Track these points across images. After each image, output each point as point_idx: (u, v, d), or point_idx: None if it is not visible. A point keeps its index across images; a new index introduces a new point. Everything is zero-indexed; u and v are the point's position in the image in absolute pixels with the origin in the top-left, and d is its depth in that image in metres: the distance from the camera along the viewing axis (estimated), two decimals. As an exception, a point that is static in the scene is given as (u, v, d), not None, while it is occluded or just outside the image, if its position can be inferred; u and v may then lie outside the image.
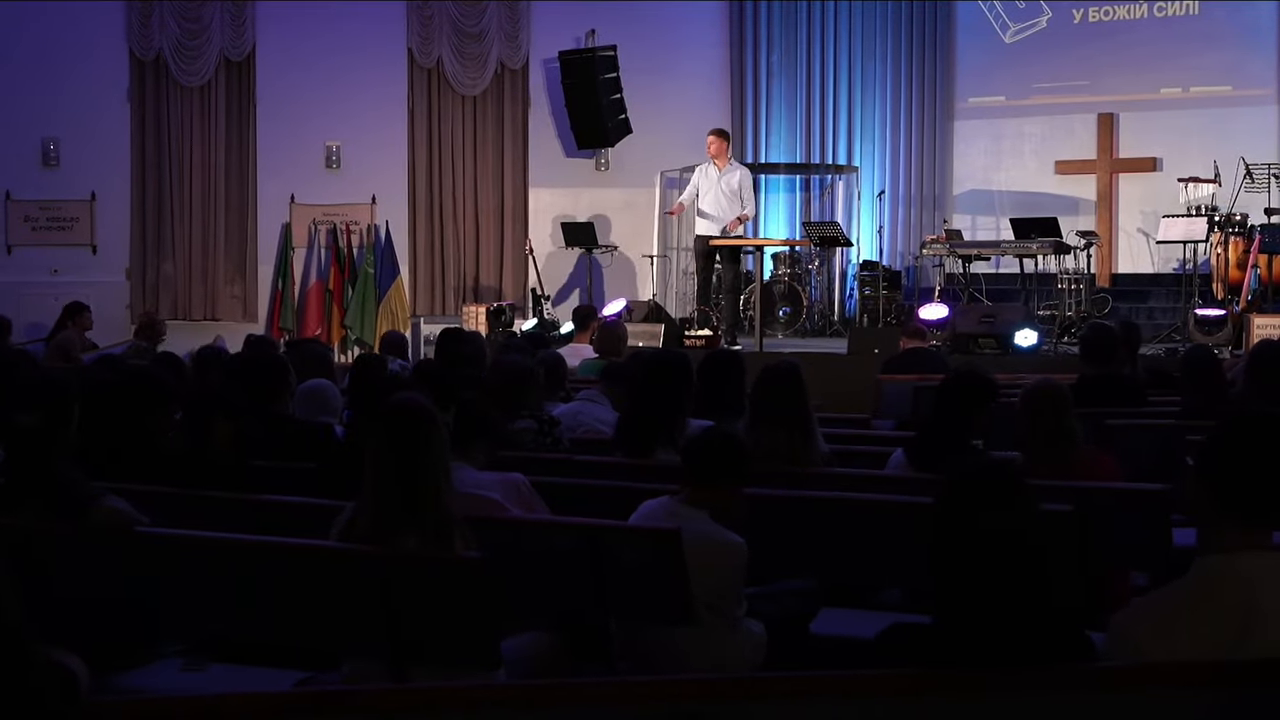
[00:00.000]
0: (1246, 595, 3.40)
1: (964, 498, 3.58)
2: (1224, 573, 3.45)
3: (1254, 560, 3.45)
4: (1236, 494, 3.47)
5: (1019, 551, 3.46)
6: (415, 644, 4.72)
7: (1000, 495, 3.55)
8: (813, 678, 3.38)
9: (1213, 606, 3.43)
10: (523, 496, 5.73)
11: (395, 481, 4.73)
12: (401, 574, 4.70)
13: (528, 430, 7.46)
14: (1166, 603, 3.51)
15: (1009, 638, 3.39)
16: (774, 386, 6.82)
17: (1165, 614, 3.48)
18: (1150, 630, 3.46)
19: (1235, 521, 3.48)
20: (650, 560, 5.24)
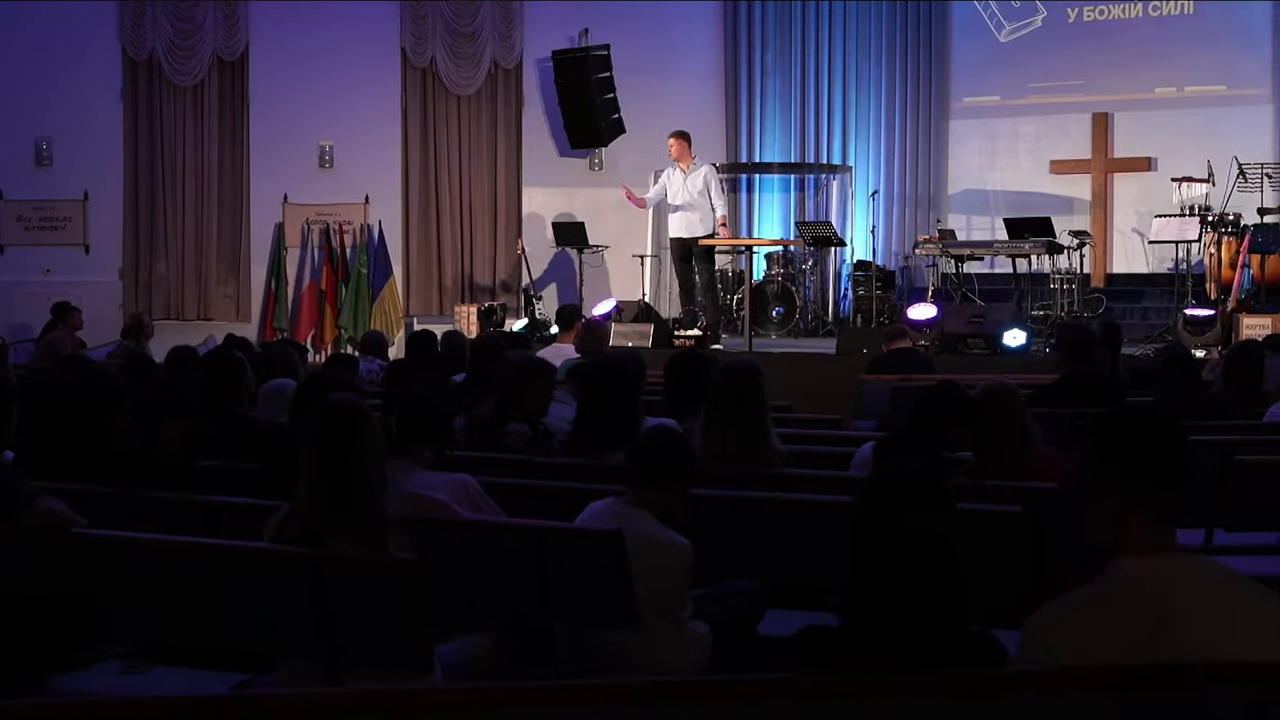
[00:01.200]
0: (1159, 598, 3.37)
1: (883, 499, 3.54)
2: (1136, 575, 3.41)
3: (1166, 562, 3.41)
4: (1148, 496, 3.44)
5: (935, 555, 3.42)
6: (348, 646, 4.68)
7: (919, 498, 3.51)
8: (714, 683, 3.33)
9: (1125, 609, 3.39)
10: (471, 498, 5.69)
11: (327, 482, 4.69)
12: (332, 575, 4.67)
13: (521, 435, 7.42)
14: (1079, 605, 3.47)
15: (919, 641, 3.36)
16: (729, 387, 6.78)
17: (1078, 617, 3.44)
18: (1063, 633, 3.42)
19: (1151, 523, 3.44)
20: (594, 562, 5.21)
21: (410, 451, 5.73)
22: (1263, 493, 7.07)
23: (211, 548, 4.98)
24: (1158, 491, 3.43)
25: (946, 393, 6.68)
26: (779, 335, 18.05)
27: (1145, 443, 3.49)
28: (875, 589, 3.43)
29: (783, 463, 6.76)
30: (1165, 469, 3.45)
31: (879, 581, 3.42)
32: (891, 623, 3.38)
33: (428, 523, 5.37)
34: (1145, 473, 3.44)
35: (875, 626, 3.39)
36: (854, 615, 3.47)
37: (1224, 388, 9.28)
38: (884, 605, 3.40)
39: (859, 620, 3.44)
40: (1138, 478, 3.45)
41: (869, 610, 3.43)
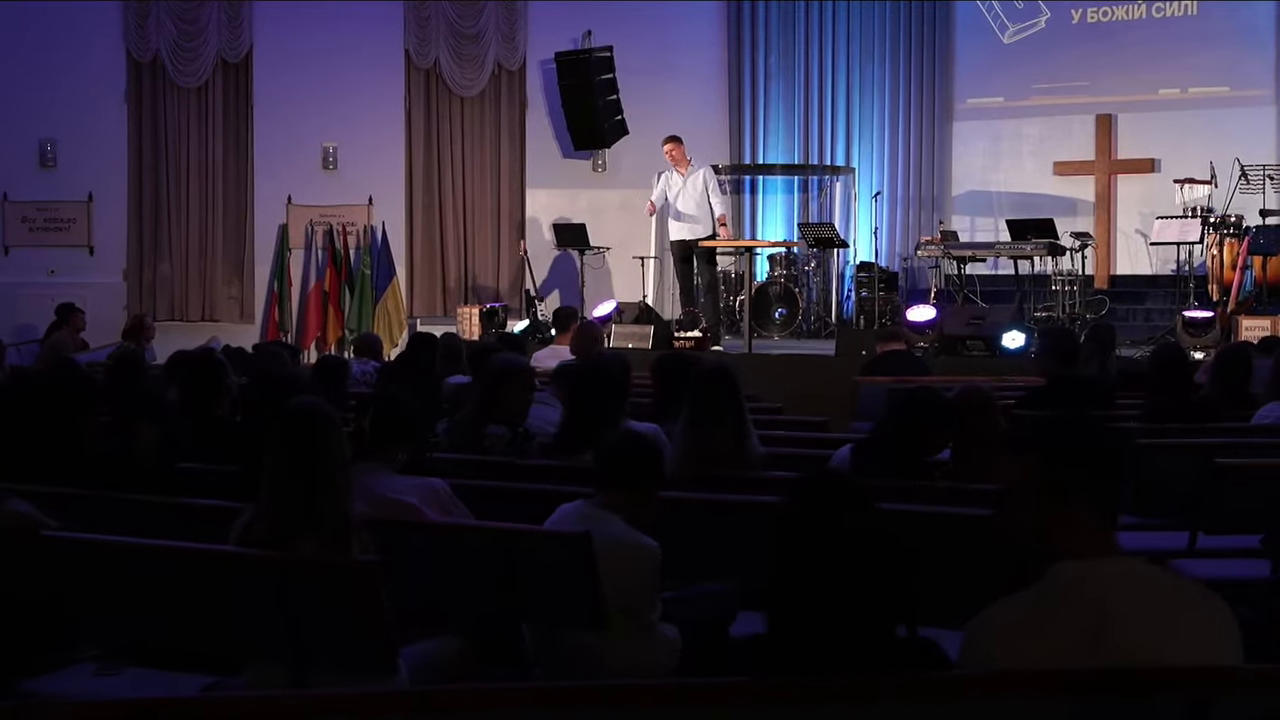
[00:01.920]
0: (1099, 601, 3.37)
1: (806, 505, 3.55)
2: (1076, 578, 3.42)
3: (1106, 566, 3.42)
4: (1086, 499, 3.45)
5: (858, 558, 3.42)
6: (312, 649, 4.69)
7: (842, 504, 3.52)
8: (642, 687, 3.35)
9: (1065, 612, 3.40)
10: (441, 501, 5.69)
11: (292, 485, 4.71)
12: (295, 578, 4.68)
13: (500, 437, 7.43)
14: (1019, 609, 3.48)
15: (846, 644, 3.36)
16: (707, 389, 6.78)
17: (1018, 621, 3.45)
18: (1003, 637, 3.43)
19: (1090, 526, 3.45)
20: (561, 564, 5.21)
21: (382, 454, 5.74)
22: (1242, 496, 7.05)
23: (177, 550, 4.98)
24: (1095, 495, 3.44)
25: (924, 396, 6.68)
26: (781, 336, 18.04)
27: (1081, 447, 3.50)
28: (798, 593, 3.42)
29: (761, 464, 6.76)
30: (1101, 473, 3.46)
31: (802, 585, 3.42)
32: (816, 627, 3.38)
33: (396, 525, 5.39)
34: (1081, 477, 3.46)
35: (800, 631, 3.39)
36: (779, 620, 3.47)
37: (1213, 390, 9.27)
38: (807, 609, 3.40)
39: (784, 625, 3.44)
40: (1075, 482, 3.46)
41: (793, 615, 3.43)
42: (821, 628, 3.38)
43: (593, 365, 7.65)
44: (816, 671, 3.34)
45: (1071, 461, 3.49)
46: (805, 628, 3.40)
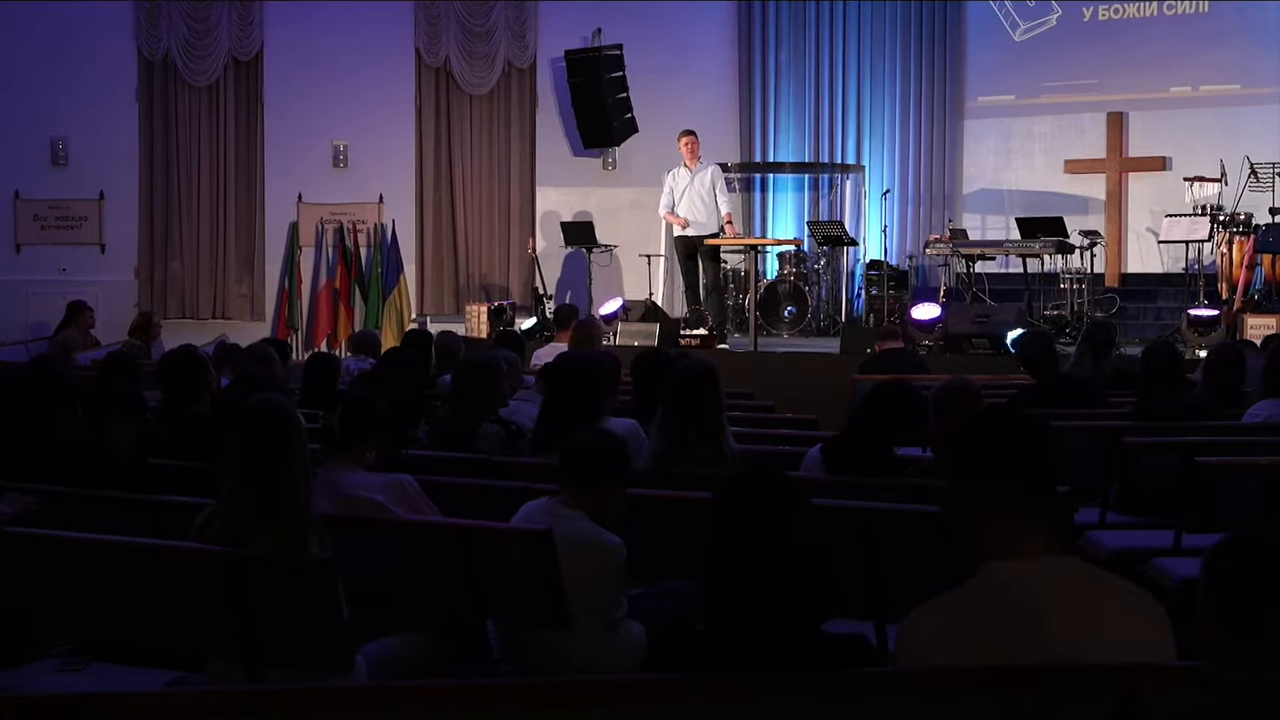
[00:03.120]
0: (1028, 599, 3.36)
1: (737, 502, 3.54)
2: (1005, 578, 3.41)
3: (1035, 564, 3.41)
4: (1023, 496, 3.43)
5: (790, 557, 3.41)
6: (268, 645, 4.70)
7: (772, 502, 3.51)
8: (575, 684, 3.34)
9: (995, 611, 3.39)
10: (409, 498, 5.70)
11: (249, 483, 4.72)
12: (251, 575, 4.69)
13: (493, 436, 7.43)
14: (952, 607, 3.47)
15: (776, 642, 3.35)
16: (684, 387, 6.77)
17: (950, 619, 3.44)
18: (935, 635, 3.42)
19: (1016, 525, 3.43)
20: (524, 562, 5.21)
21: (350, 451, 5.74)
22: (1225, 494, 7.04)
23: (134, 547, 5.00)
24: (1022, 494, 3.43)
25: (895, 392, 6.67)
26: (791, 335, 18.01)
27: (1005, 445, 3.48)
28: (730, 591, 3.42)
29: (737, 463, 6.74)
30: (1026, 471, 3.44)
31: (731, 583, 3.42)
32: (749, 624, 3.37)
33: (361, 522, 5.40)
34: (1008, 475, 3.44)
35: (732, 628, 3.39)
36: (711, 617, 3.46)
37: (1205, 388, 9.25)
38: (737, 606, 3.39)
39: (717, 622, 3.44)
40: (991, 483, 3.45)
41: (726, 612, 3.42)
42: (751, 625, 3.38)
43: (570, 360, 7.64)
44: (747, 668, 3.33)
45: (986, 462, 3.47)
46: (736, 625, 3.40)
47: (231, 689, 4.33)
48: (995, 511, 3.45)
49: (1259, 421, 8.45)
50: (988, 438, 3.53)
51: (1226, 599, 2.99)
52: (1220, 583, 3.00)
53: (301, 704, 3.35)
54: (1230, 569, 3.00)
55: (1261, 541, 3.00)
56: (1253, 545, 3.00)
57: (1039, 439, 3.49)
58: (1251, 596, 2.95)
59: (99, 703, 3.14)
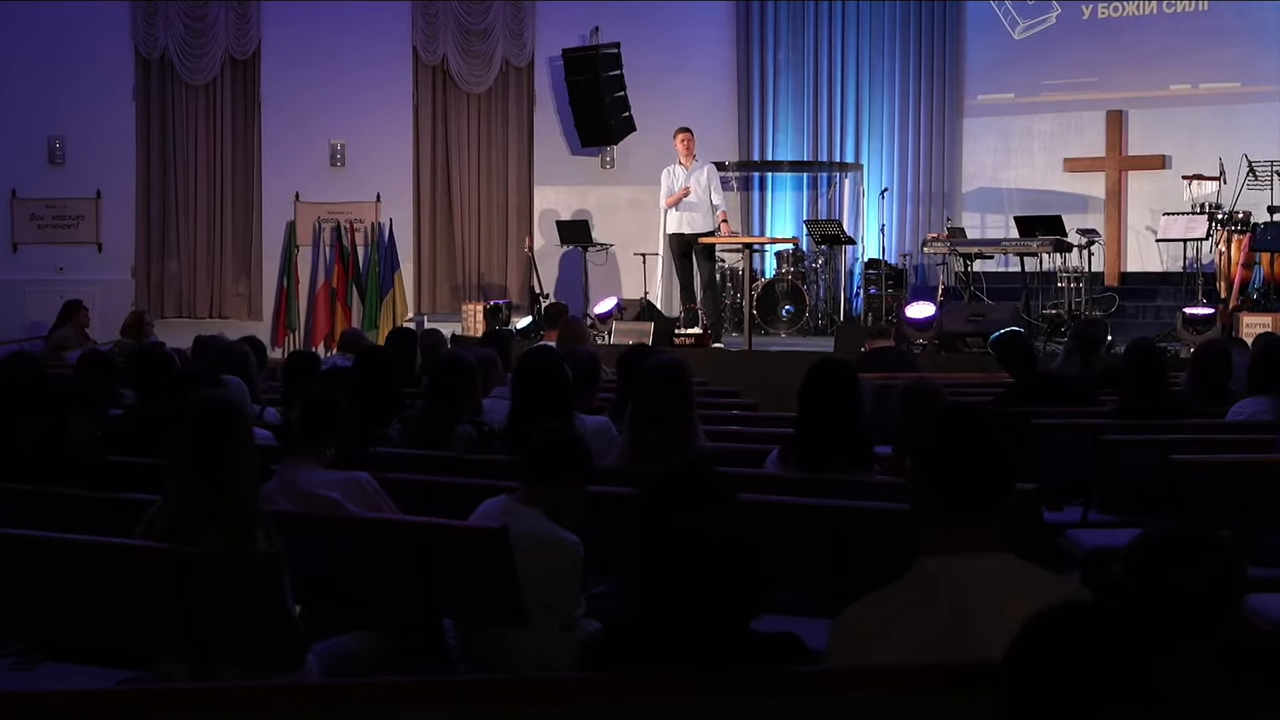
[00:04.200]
0: (958, 596, 3.32)
1: (661, 498, 3.50)
2: (939, 574, 3.38)
3: (966, 561, 3.37)
4: (949, 494, 3.39)
5: (716, 553, 3.36)
6: (214, 643, 4.66)
7: (697, 496, 3.46)
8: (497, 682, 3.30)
9: (925, 608, 3.35)
10: (367, 495, 5.65)
11: (195, 479, 4.69)
12: (196, 572, 4.64)
13: (467, 436, 7.37)
14: (883, 604, 3.43)
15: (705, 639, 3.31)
16: (652, 386, 6.71)
17: (882, 616, 3.40)
18: (867, 633, 3.39)
19: (949, 522, 3.39)
20: (479, 559, 5.17)
21: (309, 449, 5.70)
22: (1200, 492, 6.99)
23: (80, 545, 4.96)
24: (947, 490, 3.39)
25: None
26: (789, 334, 17.98)
27: (930, 443, 3.44)
28: (657, 588, 3.37)
29: (706, 461, 6.68)
30: (950, 468, 3.40)
31: (660, 581, 3.37)
32: (675, 622, 3.32)
33: (316, 519, 5.36)
34: (932, 473, 3.40)
35: (659, 626, 3.34)
36: (638, 615, 3.42)
37: (1191, 386, 9.18)
38: (666, 605, 3.35)
39: (643, 620, 3.39)
40: (926, 477, 3.41)
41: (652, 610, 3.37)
42: (675, 622, 3.33)
43: (537, 357, 7.59)
44: (672, 666, 3.29)
45: (921, 460, 3.44)
46: (660, 622, 3.35)
47: (174, 687, 4.29)
48: (930, 508, 3.42)
49: (1242, 420, 8.39)
50: (925, 436, 3.49)
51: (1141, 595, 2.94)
52: (1135, 580, 2.96)
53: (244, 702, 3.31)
54: (1144, 566, 2.96)
55: (1172, 539, 2.96)
56: (1164, 543, 2.96)
57: (975, 438, 3.44)
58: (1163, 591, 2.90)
59: (14, 701, 3.10)
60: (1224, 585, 2.89)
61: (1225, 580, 2.90)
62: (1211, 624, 2.88)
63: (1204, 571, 2.91)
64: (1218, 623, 2.89)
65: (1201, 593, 2.88)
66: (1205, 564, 2.92)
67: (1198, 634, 2.87)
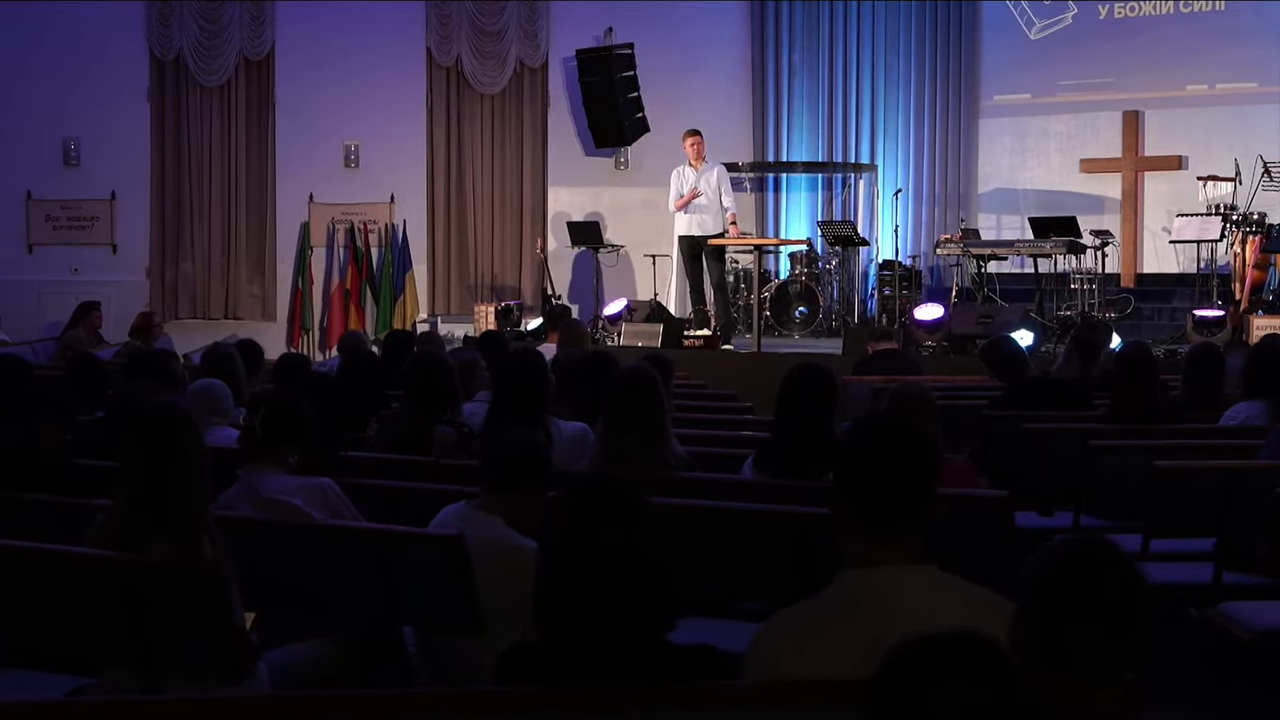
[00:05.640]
0: (881, 610, 3.29)
1: (577, 515, 3.47)
2: (860, 587, 3.34)
3: (890, 574, 3.33)
4: (865, 505, 3.35)
5: (631, 569, 3.32)
6: (162, 652, 4.63)
7: (613, 513, 3.43)
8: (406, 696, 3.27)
9: (848, 622, 3.32)
10: (329, 501, 5.63)
11: (143, 486, 4.67)
12: (141, 580, 4.62)
13: (447, 437, 7.34)
14: (803, 618, 3.40)
15: (620, 653, 3.27)
16: (626, 391, 6.66)
17: (801, 629, 3.37)
18: (787, 646, 3.36)
19: (869, 533, 3.36)
20: (438, 567, 5.13)
21: (271, 454, 5.68)
22: (1185, 499, 6.93)
23: (27, 551, 4.94)
24: (866, 502, 3.35)
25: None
26: (802, 335, 17.92)
27: (847, 454, 3.41)
28: (565, 603, 3.34)
29: (681, 466, 6.65)
30: (868, 479, 3.36)
31: (568, 595, 3.33)
32: (585, 636, 3.29)
33: (275, 526, 5.34)
34: (850, 484, 3.37)
35: (572, 641, 3.30)
36: (551, 630, 3.38)
37: (1185, 390, 9.12)
38: (574, 619, 3.31)
39: (557, 635, 3.36)
40: (845, 489, 3.38)
41: (565, 625, 3.34)
42: (587, 636, 3.29)
43: (514, 360, 7.56)
44: (588, 679, 3.25)
45: (843, 471, 3.41)
46: (571, 636, 3.32)
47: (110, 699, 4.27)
48: (852, 519, 3.38)
49: (1234, 424, 8.33)
50: (846, 446, 3.46)
51: (1041, 610, 2.89)
52: (1034, 594, 2.91)
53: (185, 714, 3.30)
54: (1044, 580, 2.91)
55: (1072, 553, 2.91)
56: (1062, 557, 2.91)
57: (892, 448, 3.40)
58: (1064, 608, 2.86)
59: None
60: (1123, 599, 2.84)
61: (1124, 593, 2.85)
62: (1116, 638, 2.83)
63: (1103, 585, 2.86)
64: (1122, 638, 2.84)
65: (1102, 606, 2.83)
66: (1104, 577, 2.87)
67: (1102, 649, 2.82)
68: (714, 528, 5.90)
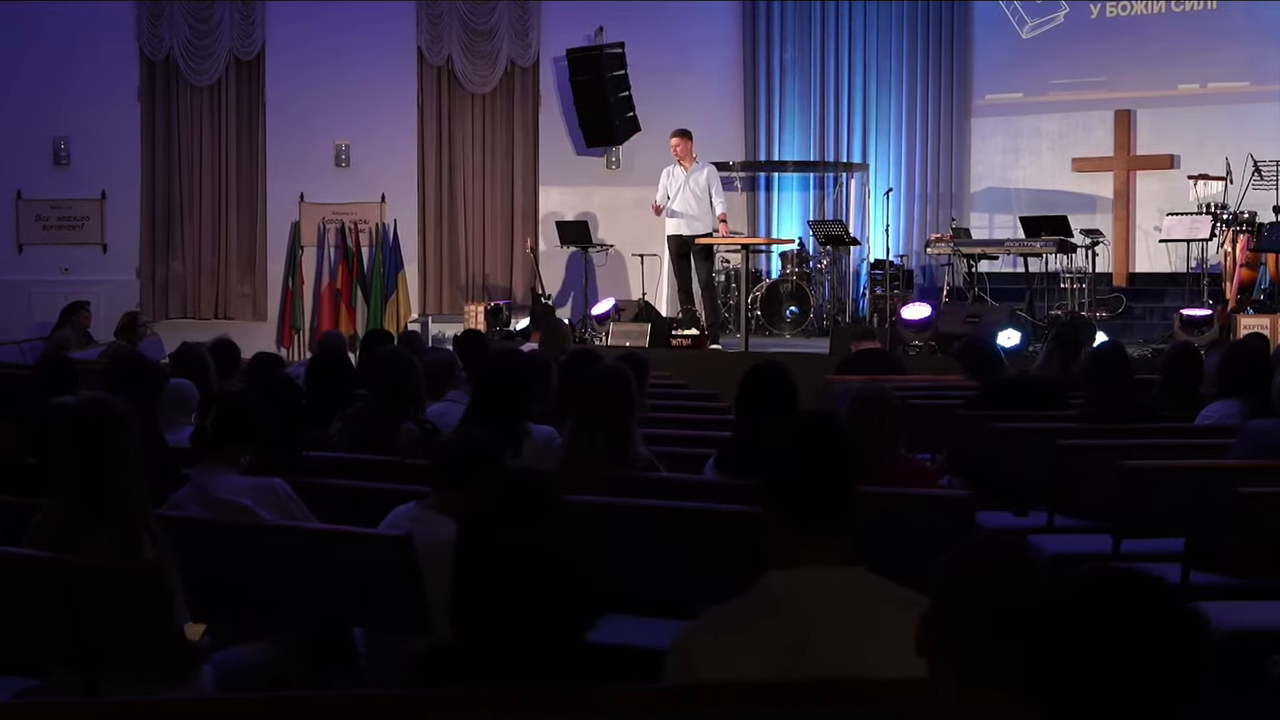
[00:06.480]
0: (803, 611, 3.25)
1: (486, 513, 3.42)
2: (784, 588, 3.30)
3: (814, 575, 3.29)
4: (790, 504, 3.31)
5: (542, 568, 3.27)
6: (102, 653, 4.59)
7: (524, 511, 3.38)
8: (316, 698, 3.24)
9: (771, 624, 3.28)
10: (280, 501, 5.58)
11: (79, 484, 4.63)
12: (79, 581, 4.58)
13: (410, 433, 7.31)
14: (727, 619, 3.37)
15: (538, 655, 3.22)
16: (595, 391, 6.63)
17: (724, 631, 3.33)
18: (710, 648, 3.32)
19: (794, 534, 3.32)
20: (386, 567, 5.10)
21: (222, 454, 5.64)
22: (1153, 499, 6.90)
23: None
24: (790, 502, 3.31)
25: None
26: (793, 335, 17.87)
27: (770, 456, 3.37)
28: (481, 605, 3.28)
29: (646, 467, 6.62)
30: (792, 479, 3.32)
31: (479, 596, 3.28)
32: (498, 638, 3.24)
33: (223, 526, 5.30)
34: (775, 484, 3.33)
35: (487, 643, 3.26)
36: (466, 631, 3.34)
37: (1161, 390, 9.07)
38: (491, 621, 3.26)
39: (471, 636, 3.31)
40: (770, 489, 3.34)
41: (479, 626, 3.29)
42: (500, 638, 3.25)
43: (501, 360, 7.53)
44: (503, 682, 3.21)
45: (770, 470, 3.37)
46: (484, 638, 3.27)
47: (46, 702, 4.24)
48: (778, 519, 3.34)
49: (1209, 424, 8.28)
50: (771, 445, 3.42)
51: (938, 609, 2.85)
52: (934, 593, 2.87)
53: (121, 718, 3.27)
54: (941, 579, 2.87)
55: (969, 552, 2.87)
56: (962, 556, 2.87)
57: (817, 448, 3.36)
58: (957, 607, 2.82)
59: None
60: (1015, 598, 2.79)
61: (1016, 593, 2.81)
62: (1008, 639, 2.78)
63: (994, 584, 2.81)
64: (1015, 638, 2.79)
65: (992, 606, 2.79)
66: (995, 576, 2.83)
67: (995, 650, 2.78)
68: (673, 528, 5.87)
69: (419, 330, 19.06)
